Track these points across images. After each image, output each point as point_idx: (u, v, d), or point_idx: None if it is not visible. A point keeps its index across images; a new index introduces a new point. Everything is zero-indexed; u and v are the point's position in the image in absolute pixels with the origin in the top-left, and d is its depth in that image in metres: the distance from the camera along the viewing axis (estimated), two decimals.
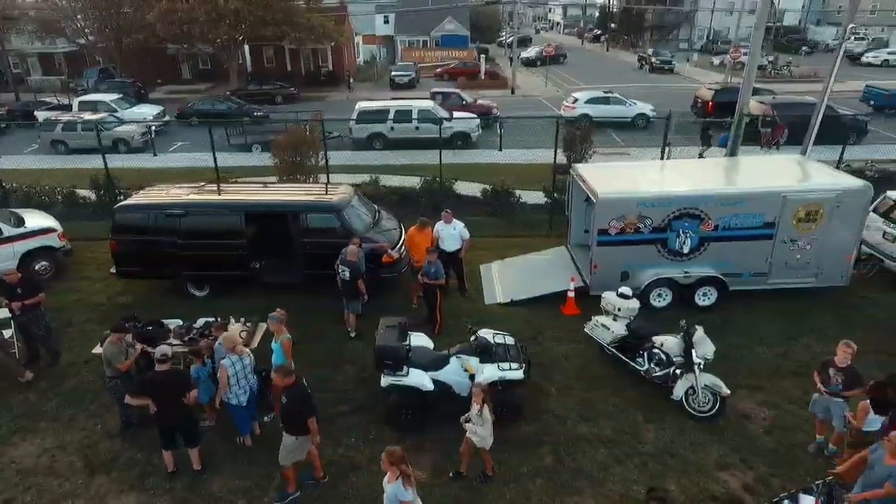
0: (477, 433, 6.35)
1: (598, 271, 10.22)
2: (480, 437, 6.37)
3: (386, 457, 5.16)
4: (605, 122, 24.57)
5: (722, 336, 9.55)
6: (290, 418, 6.16)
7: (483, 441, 6.40)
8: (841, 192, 9.68)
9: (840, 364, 6.71)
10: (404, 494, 5.02)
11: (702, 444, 7.31)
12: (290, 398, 6.13)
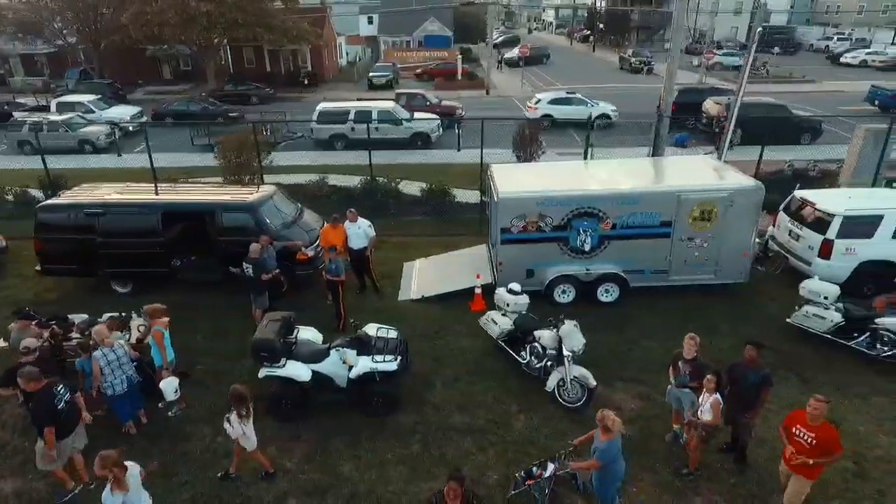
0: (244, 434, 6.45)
1: (503, 268, 10.54)
2: (246, 439, 6.50)
3: (98, 461, 5.19)
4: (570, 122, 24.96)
5: (619, 331, 9.97)
6: (35, 423, 6.27)
7: (248, 443, 6.54)
8: (733, 191, 9.99)
9: (687, 356, 7.02)
10: (109, 499, 5.17)
11: (564, 433, 7.62)
12: (35, 403, 6.21)
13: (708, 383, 6.56)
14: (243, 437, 6.47)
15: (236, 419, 6.35)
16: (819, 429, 5.71)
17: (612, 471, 5.86)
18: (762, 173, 17.77)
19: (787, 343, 9.46)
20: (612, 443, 5.71)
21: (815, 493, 6.66)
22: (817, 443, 5.67)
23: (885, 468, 6.99)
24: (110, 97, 32.92)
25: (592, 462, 5.85)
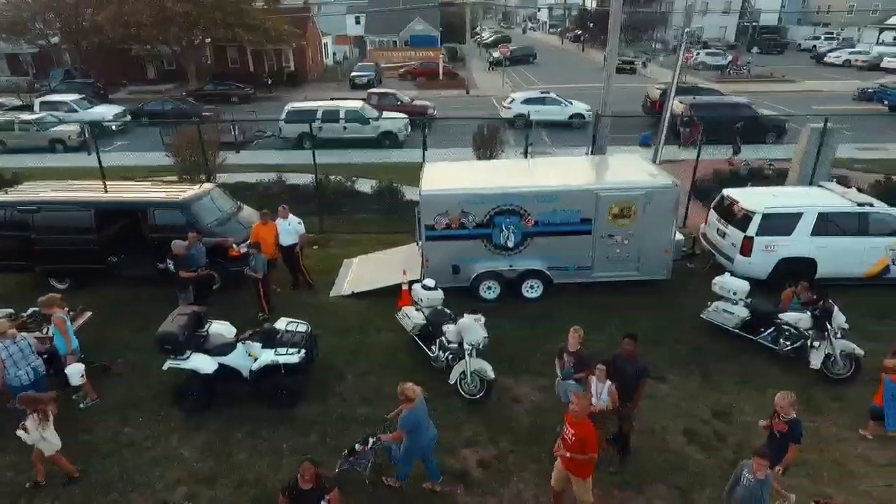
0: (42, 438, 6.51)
1: (429, 265, 10.73)
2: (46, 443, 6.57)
3: None
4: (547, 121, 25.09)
5: (537, 326, 10.17)
6: None
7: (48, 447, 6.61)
8: (650, 189, 10.17)
9: (571, 349, 7.22)
10: None
11: (460, 424, 7.83)
12: None
13: (600, 373, 6.77)
14: (42, 442, 6.52)
15: (33, 424, 6.40)
16: (579, 426, 5.77)
17: (415, 439, 6.26)
18: (719, 172, 18.15)
19: (699, 337, 9.66)
20: (412, 412, 6.12)
21: (693, 480, 6.89)
22: (575, 439, 5.75)
23: None
24: (92, 97, 33.27)
25: (397, 433, 6.24)
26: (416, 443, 6.31)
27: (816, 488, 6.74)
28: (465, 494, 6.79)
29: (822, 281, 10.79)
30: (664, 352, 9.35)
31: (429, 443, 6.41)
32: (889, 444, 7.35)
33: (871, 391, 8.24)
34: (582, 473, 5.92)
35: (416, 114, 26.27)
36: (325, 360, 9.17)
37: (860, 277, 10.86)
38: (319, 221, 14.36)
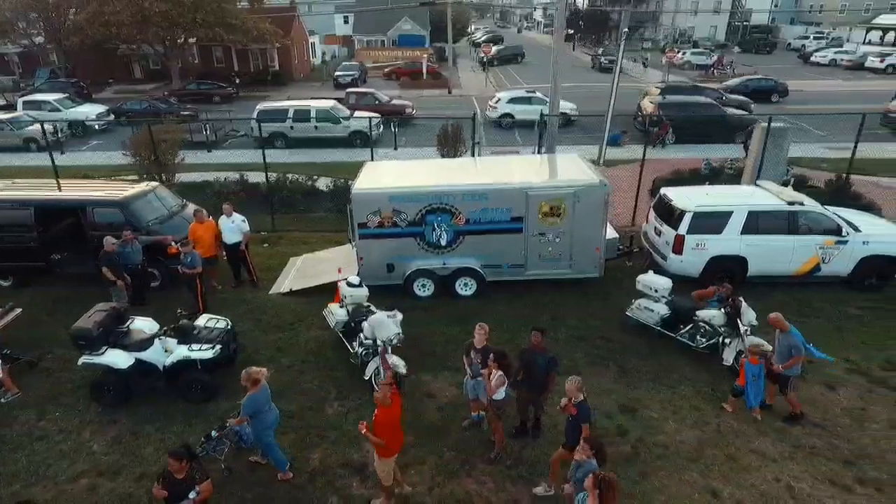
0: None
1: (364, 263, 10.86)
2: None
3: None
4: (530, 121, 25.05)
5: (466, 322, 10.21)
6: None
7: None
8: (579, 188, 10.27)
9: (477, 346, 7.34)
10: None
11: (368, 420, 7.94)
12: None
13: (493, 364, 6.92)
14: None
15: None
16: (380, 410, 6.14)
17: (261, 420, 6.53)
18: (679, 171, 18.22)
19: (623, 334, 9.77)
20: (253, 395, 6.41)
21: None
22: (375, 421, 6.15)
23: (658, 452, 7.29)
24: (75, 96, 33.45)
25: (240, 417, 6.51)
26: (261, 424, 6.57)
27: (706, 482, 6.84)
28: (359, 487, 6.91)
29: (753, 279, 10.97)
30: (586, 347, 9.48)
31: (271, 425, 6.66)
32: (785, 439, 7.45)
33: (777, 388, 8.39)
34: (378, 453, 6.27)
35: (394, 113, 26.41)
36: (251, 356, 9.29)
37: (791, 275, 10.95)
38: (272, 220, 14.50)
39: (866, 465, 7.03)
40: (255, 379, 6.40)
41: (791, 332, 7.45)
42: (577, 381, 6.19)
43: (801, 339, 7.45)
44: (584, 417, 6.12)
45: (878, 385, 8.44)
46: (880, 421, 7.75)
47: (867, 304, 10.58)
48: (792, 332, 7.46)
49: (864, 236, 10.69)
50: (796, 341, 7.40)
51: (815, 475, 6.89)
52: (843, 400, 8.18)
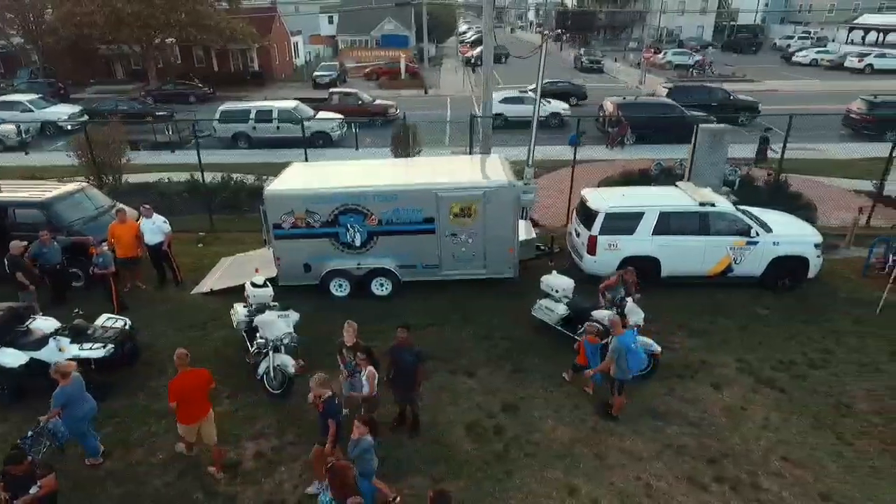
0: None
1: (281, 263, 10.97)
2: None
3: None
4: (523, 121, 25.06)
5: (385, 322, 10.33)
6: None
7: None
8: (488, 189, 10.37)
9: (348, 343, 7.45)
10: None
11: (255, 418, 8.08)
12: None
13: (361, 362, 7.05)
14: None
15: None
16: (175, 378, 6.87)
17: (73, 412, 6.78)
18: (629, 172, 18.32)
19: (527, 334, 9.86)
20: (62, 388, 6.62)
21: (450, 471, 7.11)
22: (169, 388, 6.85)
23: (529, 451, 7.39)
24: (51, 96, 33.66)
25: (52, 411, 6.68)
26: (73, 416, 6.74)
27: (568, 480, 6.95)
28: (227, 484, 7.02)
29: (668, 280, 11.06)
30: (487, 346, 9.59)
31: (84, 416, 6.83)
32: (658, 438, 7.55)
33: (665, 387, 8.51)
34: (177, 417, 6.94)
35: (376, 114, 26.46)
36: (156, 355, 9.44)
37: (705, 276, 11.03)
38: (210, 220, 14.61)
39: (729, 464, 7.13)
40: (64, 372, 6.61)
41: (618, 338, 7.42)
42: (319, 378, 6.35)
43: (625, 345, 7.37)
44: (331, 413, 6.30)
45: (765, 385, 8.53)
46: (756, 421, 7.84)
47: (777, 305, 10.66)
48: (619, 338, 7.41)
49: (774, 237, 10.78)
50: (616, 346, 7.39)
51: (677, 474, 6.99)
52: (725, 399, 8.27)
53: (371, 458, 6.05)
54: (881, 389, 8.38)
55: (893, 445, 7.37)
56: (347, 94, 28.59)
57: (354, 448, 5.74)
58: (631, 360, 7.46)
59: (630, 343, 7.38)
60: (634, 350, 7.46)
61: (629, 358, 7.41)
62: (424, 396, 8.40)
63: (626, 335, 7.43)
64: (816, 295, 10.98)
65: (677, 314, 10.37)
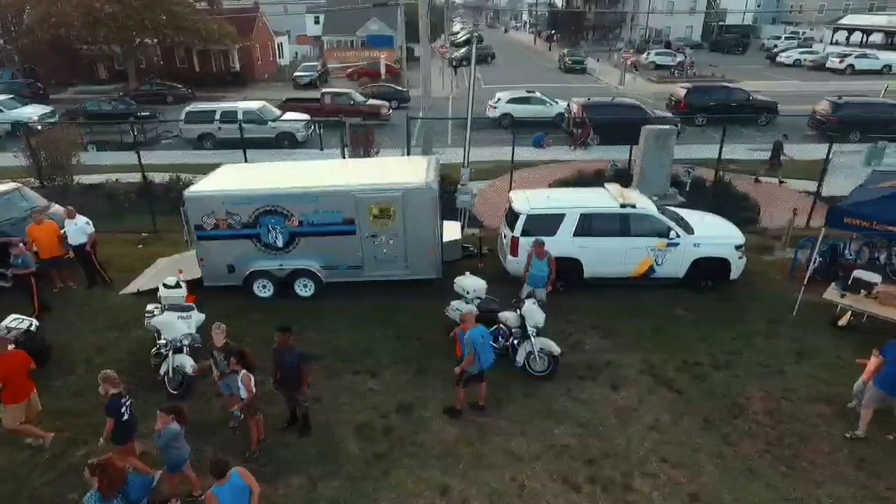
0: None
1: (205, 264, 11.03)
2: None
3: None
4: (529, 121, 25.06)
5: (302, 322, 10.41)
6: None
7: None
8: (406, 190, 10.41)
9: (218, 345, 7.52)
10: None
11: (145, 419, 8.07)
12: None
13: (234, 364, 7.11)
14: None
15: None
16: None
17: None
18: (583, 172, 18.34)
19: (440, 335, 9.85)
20: None
21: (329, 471, 7.15)
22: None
23: (411, 451, 7.44)
24: (28, 96, 33.83)
25: None
26: None
27: (443, 480, 6.99)
28: None
29: (591, 281, 11.09)
30: (397, 347, 9.64)
31: None
32: (543, 439, 7.59)
33: (564, 388, 8.55)
34: None
35: (370, 114, 26.38)
36: (68, 356, 9.53)
37: (628, 277, 11.06)
38: (152, 220, 14.67)
39: (607, 464, 7.16)
40: None
41: (469, 331, 7.51)
42: (104, 374, 6.59)
43: (474, 340, 7.45)
44: (110, 410, 6.47)
45: (662, 386, 8.56)
46: (645, 422, 7.87)
47: (697, 306, 10.69)
48: (470, 332, 7.50)
49: (695, 238, 10.81)
50: (467, 340, 7.50)
51: (553, 474, 7.03)
52: (620, 400, 8.31)
53: (180, 445, 6.18)
54: (778, 391, 8.41)
55: (776, 447, 7.41)
56: (339, 94, 28.56)
57: (160, 438, 5.84)
58: (482, 355, 7.54)
59: (479, 338, 7.47)
60: (482, 344, 7.51)
61: (479, 352, 7.49)
62: (324, 396, 8.52)
63: (475, 330, 7.51)
64: (738, 296, 11.01)
65: (594, 315, 10.42)
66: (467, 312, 7.76)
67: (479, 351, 7.47)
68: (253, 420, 7.39)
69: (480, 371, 7.70)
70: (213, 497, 5.12)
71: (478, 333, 7.47)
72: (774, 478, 6.92)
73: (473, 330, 7.49)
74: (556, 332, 9.88)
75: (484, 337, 7.55)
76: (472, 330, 7.48)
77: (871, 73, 39.75)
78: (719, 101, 25.43)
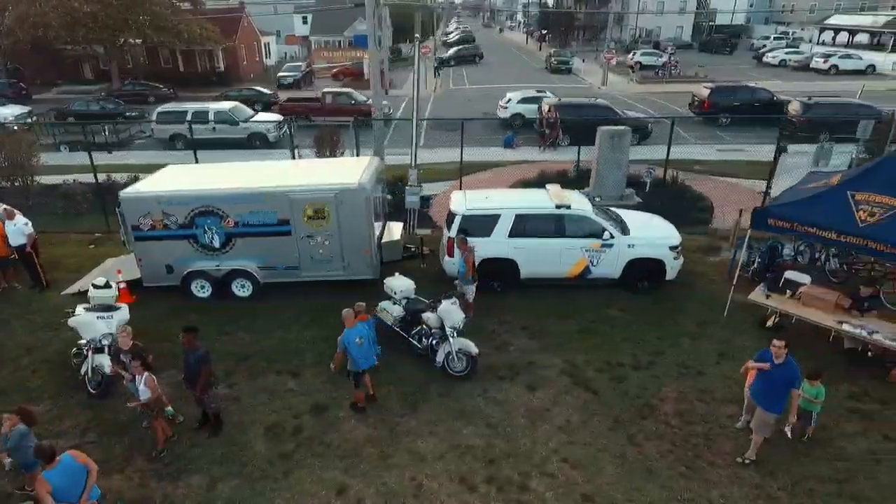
0: None
1: (143, 265, 11.08)
2: None
3: None
4: None
5: (238, 323, 10.47)
6: None
7: None
8: (338, 191, 10.46)
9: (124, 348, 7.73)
10: None
11: (63, 417, 8.19)
12: None
13: (136, 367, 7.18)
14: None
15: None
16: None
17: None
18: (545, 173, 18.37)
19: None
20: None
21: (230, 471, 7.21)
22: None
23: (318, 451, 7.48)
24: (11, 97, 34.00)
25: None
26: None
27: (343, 479, 7.03)
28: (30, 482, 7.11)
29: (528, 281, 11.13)
30: (324, 348, 9.60)
31: None
32: (450, 439, 7.62)
33: (481, 388, 8.59)
34: None
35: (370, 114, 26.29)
36: None
37: (564, 278, 11.10)
38: (105, 221, 14.70)
39: (508, 465, 7.20)
40: None
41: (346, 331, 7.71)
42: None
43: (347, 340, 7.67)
44: None
45: (579, 387, 8.59)
46: (556, 422, 7.91)
47: (632, 306, 10.73)
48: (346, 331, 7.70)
49: (629, 239, 10.84)
50: (341, 340, 7.76)
51: (452, 474, 7.07)
52: (535, 401, 8.34)
53: (30, 445, 6.18)
54: (692, 392, 8.44)
55: (681, 447, 7.44)
56: (339, 94, 28.51)
57: (7, 441, 5.91)
58: (356, 354, 7.70)
59: (353, 338, 7.65)
60: (357, 345, 7.66)
61: (353, 351, 7.67)
62: (243, 396, 8.58)
63: (352, 329, 7.67)
64: (675, 297, 11.04)
65: (527, 315, 10.46)
66: (346, 312, 7.84)
67: (352, 351, 7.64)
68: (158, 421, 7.43)
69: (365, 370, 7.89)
70: (43, 481, 5.25)
71: (354, 333, 7.64)
72: (672, 478, 6.96)
73: (350, 330, 7.66)
74: (487, 333, 9.98)
75: (363, 337, 7.69)
76: (349, 330, 7.66)
77: (854, 73, 39.72)
78: (743, 101, 25.48)
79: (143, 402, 7.20)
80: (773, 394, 6.69)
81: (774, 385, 6.67)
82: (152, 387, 7.17)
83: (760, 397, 6.85)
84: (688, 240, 13.49)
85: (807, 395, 7.00)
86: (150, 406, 7.25)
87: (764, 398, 6.79)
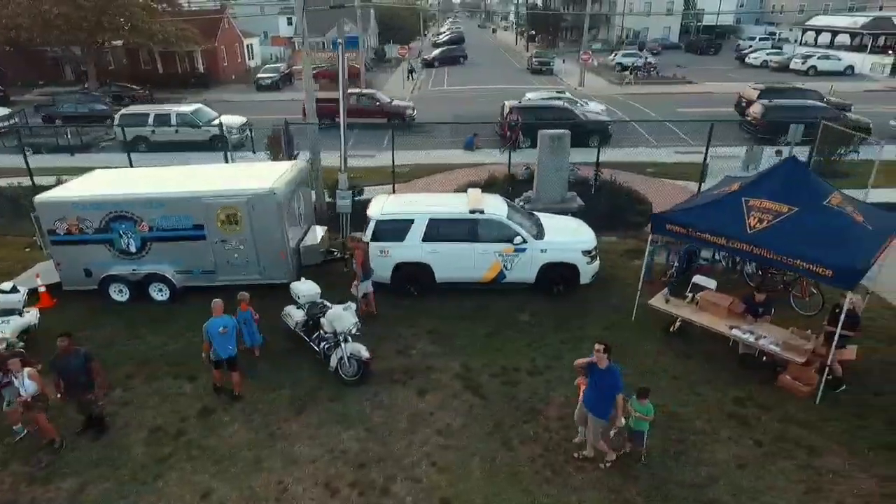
0: None
1: (62, 269, 11.18)
2: None
3: None
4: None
5: (156, 325, 10.55)
6: None
7: None
8: (250, 196, 10.54)
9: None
10: None
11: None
12: None
13: (14, 363, 7.30)
14: None
15: None
16: None
17: None
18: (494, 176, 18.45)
19: (275, 339, 9.96)
20: None
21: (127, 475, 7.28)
22: None
23: (195, 454, 7.56)
24: None
25: None
26: None
27: (210, 483, 7.11)
28: None
29: (444, 285, 11.20)
30: None
31: None
32: (327, 444, 7.70)
33: (371, 392, 8.67)
34: None
35: (395, 115, 26.12)
36: None
37: (479, 282, 11.17)
38: None
39: (376, 469, 7.27)
40: None
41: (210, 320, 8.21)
42: None
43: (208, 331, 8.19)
44: None
45: (469, 391, 8.66)
46: (435, 427, 7.97)
47: (544, 310, 10.78)
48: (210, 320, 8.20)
49: (543, 244, 10.91)
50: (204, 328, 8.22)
51: (319, 479, 7.14)
52: (421, 404, 8.41)
53: None
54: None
55: (552, 452, 7.50)
56: (362, 95, 27.79)
57: None
58: (217, 343, 8.17)
59: (215, 328, 8.14)
60: (220, 335, 8.13)
61: (214, 340, 8.16)
62: (134, 400, 8.67)
63: (216, 319, 8.17)
64: (589, 300, 11.10)
65: (436, 320, 10.53)
66: (215, 302, 8.31)
67: (213, 340, 8.13)
68: (41, 415, 7.49)
69: (228, 359, 8.32)
70: None
71: (217, 323, 8.11)
72: (534, 483, 7.03)
73: (214, 319, 8.14)
74: (394, 337, 10.07)
75: (226, 326, 8.16)
76: (212, 319, 8.14)
77: (833, 73, 39.66)
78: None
79: (31, 394, 7.28)
80: (601, 401, 6.84)
81: (601, 392, 6.80)
82: (36, 378, 7.27)
83: (591, 404, 6.96)
84: (617, 243, 13.68)
85: (637, 412, 7.04)
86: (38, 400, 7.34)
87: (594, 405, 6.92)
